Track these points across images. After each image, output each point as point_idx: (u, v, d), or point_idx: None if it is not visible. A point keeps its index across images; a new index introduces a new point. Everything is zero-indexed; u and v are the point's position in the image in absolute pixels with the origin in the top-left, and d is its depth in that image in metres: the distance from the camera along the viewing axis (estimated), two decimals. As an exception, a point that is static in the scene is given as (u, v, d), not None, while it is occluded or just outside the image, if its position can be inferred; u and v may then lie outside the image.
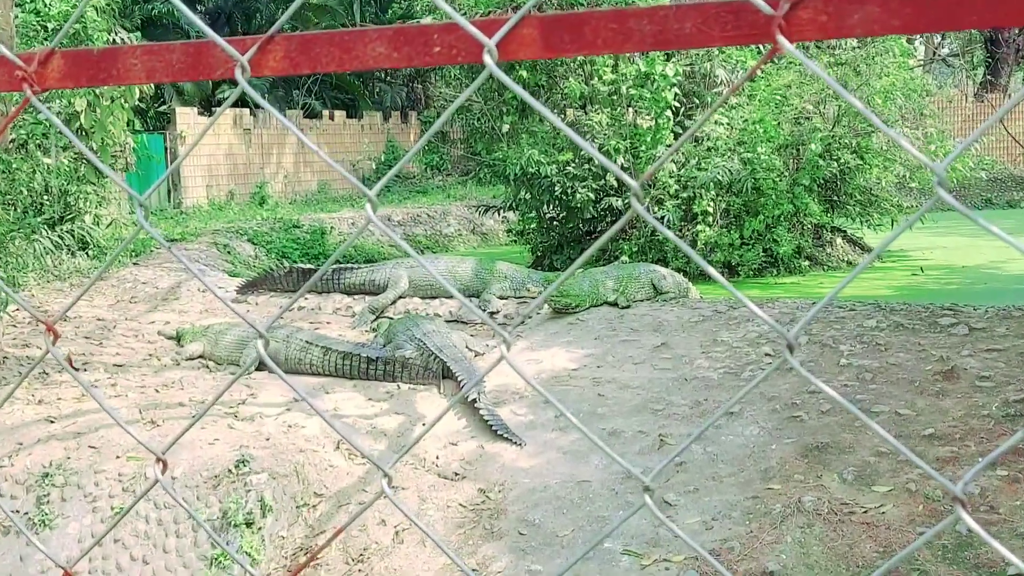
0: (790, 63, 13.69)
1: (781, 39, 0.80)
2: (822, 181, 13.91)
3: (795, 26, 0.80)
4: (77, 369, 7.96)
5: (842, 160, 13.81)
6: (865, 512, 5.43)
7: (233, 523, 5.95)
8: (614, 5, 13.48)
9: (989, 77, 27.90)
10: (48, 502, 6.22)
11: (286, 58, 0.94)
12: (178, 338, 9.31)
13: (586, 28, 0.85)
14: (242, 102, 22.33)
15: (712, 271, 0.90)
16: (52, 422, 6.94)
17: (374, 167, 26.16)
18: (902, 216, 14.41)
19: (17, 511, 6.16)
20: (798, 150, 13.86)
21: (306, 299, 10.95)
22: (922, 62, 28.22)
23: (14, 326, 9.69)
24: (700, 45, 0.84)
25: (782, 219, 13.46)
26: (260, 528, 5.98)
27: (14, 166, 8.83)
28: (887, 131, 0.78)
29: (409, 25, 0.89)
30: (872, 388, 6.79)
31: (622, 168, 12.96)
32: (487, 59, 0.87)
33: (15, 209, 9.24)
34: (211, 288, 1.28)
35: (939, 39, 33.33)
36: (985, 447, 5.81)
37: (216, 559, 5.80)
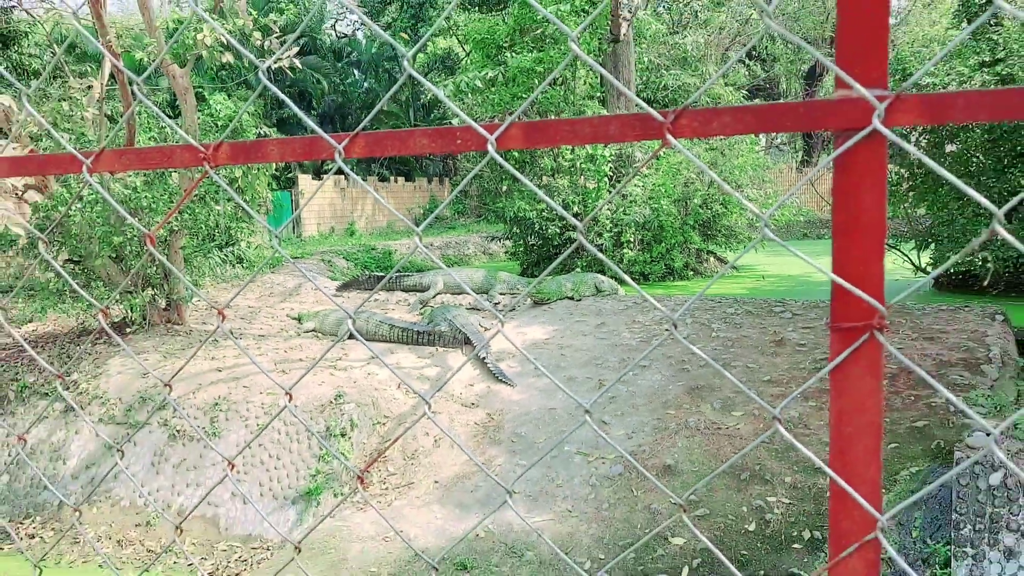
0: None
1: (669, 137, 0.81)
2: (702, 222, 13.93)
3: (678, 128, 0.81)
4: (236, 338, 7.94)
5: (714, 209, 13.83)
6: (727, 428, 5.45)
7: (333, 435, 5.96)
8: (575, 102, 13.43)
9: (806, 157, 28.02)
10: (217, 421, 6.21)
11: (366, 147, 0.95)
12: (299, 319, 9.30)
13: (550, 130, 0.86)
14: (339, 171, 22.26)
15: (628, 279, 0.92)
16: (220, 371, 6.94)
17: (422, 212, 26.09)
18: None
19: (200, 426, 6.15)
20: (687, 203, 13.87)
21: (379, 295, 10.94)
22: (763, 147, 28.21)
23: (196, 312, 9.65)
24: (620, 140, 0.85)
25: (676, 246, 13.48)
26: (350, 438, 5.99)
27: (197, 211, 8.83)
28: (734, 194, 0.79)
29: (442, 127, 0.91)
30: (732, 351, 6.82)
31: (576, 214, 12.96)
32: (490, 148, 0.88)
33: (197, 238, 9.23)
34: (320, 287, 1.29)
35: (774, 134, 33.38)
36: (801, 388, 5.83)
37: (322, 457, 5.81)
